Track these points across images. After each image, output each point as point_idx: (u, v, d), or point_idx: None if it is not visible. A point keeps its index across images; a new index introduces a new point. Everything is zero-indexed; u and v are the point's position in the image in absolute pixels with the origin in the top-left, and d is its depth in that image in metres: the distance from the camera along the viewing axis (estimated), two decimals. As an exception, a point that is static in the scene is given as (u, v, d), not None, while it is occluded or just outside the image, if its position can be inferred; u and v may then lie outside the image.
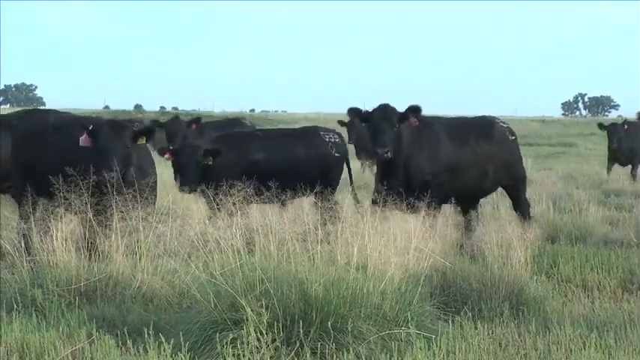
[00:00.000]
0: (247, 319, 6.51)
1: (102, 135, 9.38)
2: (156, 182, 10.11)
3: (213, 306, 6.83)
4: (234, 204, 8.47)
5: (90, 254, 8.59)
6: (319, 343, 6.53)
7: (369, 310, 6.85)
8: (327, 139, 12.22)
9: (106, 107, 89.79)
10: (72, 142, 9.43)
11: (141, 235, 8.52)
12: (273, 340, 6.52)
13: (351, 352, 6.44)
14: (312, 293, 6.78)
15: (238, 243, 7.42)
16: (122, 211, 8.73)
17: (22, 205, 9.62)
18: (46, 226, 8.91)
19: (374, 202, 10.01)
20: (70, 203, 8.82)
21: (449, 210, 11.25)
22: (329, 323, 6.57)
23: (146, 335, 6.45)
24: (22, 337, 6.87)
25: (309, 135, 12.35)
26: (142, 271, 8.33)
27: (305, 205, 8.32)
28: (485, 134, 11.59)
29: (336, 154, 12.25)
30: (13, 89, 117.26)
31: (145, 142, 9.86)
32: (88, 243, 8.72)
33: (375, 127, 10.66)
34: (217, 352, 6.41)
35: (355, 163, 19.95)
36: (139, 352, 6.47)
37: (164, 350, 6.25)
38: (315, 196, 10.44)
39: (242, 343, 6.41)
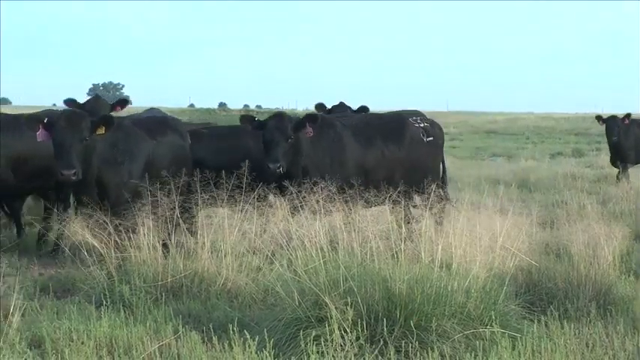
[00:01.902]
0: (331, 317, 6.53)
1: (57, 128, 9.00)
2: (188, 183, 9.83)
3: (297, 303, 6.87)
4: (317, 202, 8.50)
5: (167, 251, 8.70)
6: (403, 342, 6.52)
7: (453, 308, 6.83)
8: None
9: (191, 105, 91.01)
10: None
11: (226, 233, 8.61)
12: (357, 338, 6.53)
13: (435, 350, 6.41)
14: (396, 291, 6.78)
15: (322, 240, 7.45)
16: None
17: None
18: (134, 223, 9.03)
19: None
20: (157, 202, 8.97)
21: (535, 208, 11.10)
22: (413, 321, 6.56)
23: (231, 332, 6.50)
24: (110, 332, 6.99)
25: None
26: (226, 268, 8.43)
27: (388, 203, 8.28)
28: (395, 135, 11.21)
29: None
30: (101, 88, 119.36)
31: (103, 132, 9.18)
32: (175, 240, 8.81)
33: (268, 138, 10.23)
34: (301, 350, 6.45)
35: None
36: (224, 348, 6.52)
37: (249, 347, 6.30)
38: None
39: (326, 340, 6.44)
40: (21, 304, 7.29)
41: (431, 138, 11.57)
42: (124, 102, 13.33)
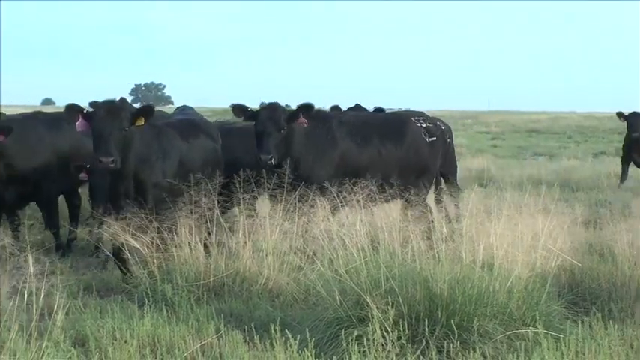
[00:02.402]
0: (372, 317, 6.54)
1: (97, 118, 9.04)
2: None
3: (338, 303, 6.89)
4: (358, 201, 8.52)
5: (207, 251, 8.75)
6: (445, 342, 6.52)
7: (494, 308, 6.81)
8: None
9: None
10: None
11: (267, 233, 8.65)
12: (399, 338, 6.54)
13: (477, 350, 6.41)
14: (437, 291, 6.78)
15: (363, 240, 7.46)
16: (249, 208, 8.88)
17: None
18: (174, 223, 9.10)
19: None
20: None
21: (578, 208, 11.02)
22: (454, 321, 6.56)
23: (272, 331, 6.51)
24: (153, 331, 7.06)
25: None
26: (268, 268, 8.48)
27: (431, 202, 8.28)
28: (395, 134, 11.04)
29: None
30: (143, 88, 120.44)
31: (143, 123, 9.22)
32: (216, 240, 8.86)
33: (260, 129, 10.14)
34: (343, 349, 6.47)
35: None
36: (265, 347, 6.55)
37: (290, 346, 6.31)
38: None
39: (368, 340, 6.44)
40: (65, 302, 7.36)
41: (434, 138, 11.54)
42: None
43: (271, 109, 10.25)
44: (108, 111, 8.99)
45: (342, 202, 8.80)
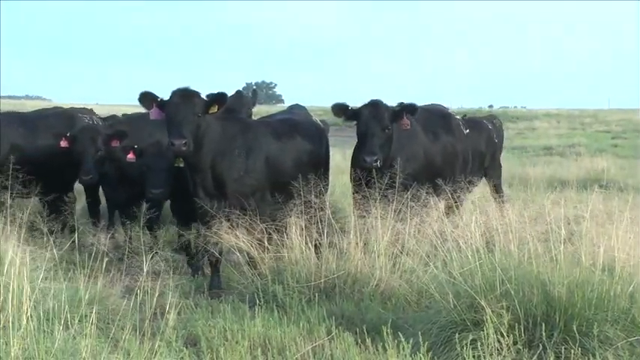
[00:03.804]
0: (487, 320, 6.48)
1: (170, 104, 9.12)
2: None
3: (452, 306, 6.86)
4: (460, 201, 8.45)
5: (318, 251, 8.79)
6: (563, 347, 6.42)
7: (615, 314, 6.67)
8: None
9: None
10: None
11: (379, 233, 8.64)
12: (515, 343, 6.46)
13: (597, 357, 6.28)
14: (555, 295, 6.68)
15: (477, 242, 7.41)
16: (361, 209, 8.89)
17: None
18: (284, 222, 9.17)
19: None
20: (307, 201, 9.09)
21: None
22: (573, 326, 6.45)
23: (385, 334, 6.52)
24: (264, 332, 7.14)
25: None
26: (380, 269, 8.46)
27: (547, 203, 8.13)
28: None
29: None
30: (254, 87, 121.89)
31: (216, 110, 9.21)
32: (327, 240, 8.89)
33: (363, 129, 9.99)
34: (457, 353, 6.44)
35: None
36: (377, 350, 6.55)
37: (403, 349, 6.31)
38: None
39: (482, 344, 6.39)
40: (177, 302, 7.50)
41: (467, 130, 11.36)
42: None
43: (374, 107, 10.06)
44: (181, 96, 9.08)
45: (456, 202, 8.73)
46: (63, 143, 10.84)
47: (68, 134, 10.92)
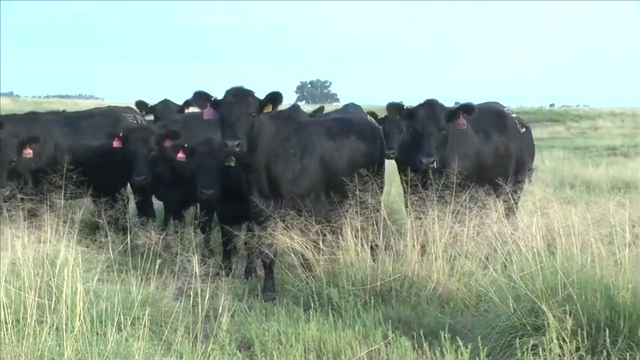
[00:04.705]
0: (549, 326, 6.44)
1: (223, 103, 9.14)
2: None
3: (512, 310, 6.82)
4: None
5: (374, 253, 8.77)
6: (628, 354, 6.34)
7: (684, 320, 6.57)
8: None
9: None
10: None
11: (436, 235, 8.60)
12: (577, 349, 6.41)
13: (664, 364, 6.21)
14: (620, 300, 6.61)
15: (538, 244, 7.34)
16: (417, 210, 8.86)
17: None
18: (339, 224, 9.15)
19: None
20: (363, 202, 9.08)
21: None
22: (639, 332, 6.37)
23: (442, 338, 6.50)
24: (319, 335, 7.12)
25: None
26: (437, 272, 8.42)
27: (610, 205, 8.02)
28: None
29: None
30: (309, 86, 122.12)
31: (271, 110, 9.24)
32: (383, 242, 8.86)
33: (419, 129, 9.87)
34: (517, 359, 6.39)
35: None
36: (435, 355, 6.53)
37: (461, 355, 6.27)
38: None
39: (543, 350, 6.36)
40: (230, 305, 7.54)
41: (524, 129, 11.22)
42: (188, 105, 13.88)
43: (430, 106, 9.97)
44: (235, 96, 9.10)
45: (516, 203, 8.66)
46: (115, 143, 10.94)
47: (120, 134, 11.04)
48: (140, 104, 13.85)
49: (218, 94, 9.20)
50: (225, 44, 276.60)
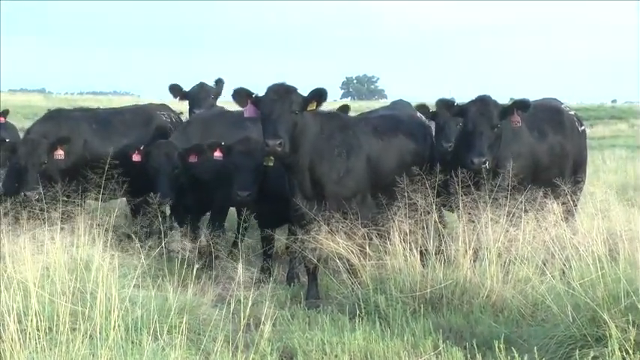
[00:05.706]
0: (611, 336, 6.33)
1: (265, 100, 8.97)
2: None
3: (571, 320, 6.73)
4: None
5: (423, 258, 8.63)
6: (694, 366, 6.19)
7: None
8: None
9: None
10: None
11: (490, 239, 8.44)
12: (642, 361, 6.26)
13: None
14: (687, 309, 6.43)
15: (599, 250, 7.21)
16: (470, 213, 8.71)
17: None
18: (387, 227, 9.03)
19: None
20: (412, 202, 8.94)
21: None
22: None
23: (496, 349, 6.43)
24: (365, 345, 7.06)
25: None
26: (491, 279, 8.28)
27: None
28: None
29: None
30: (355, 82, 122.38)
31: (315, 107, 9.07)
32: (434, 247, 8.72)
33: (471, 127, 9.58)
34: (576, 372, 6.27)
35: None
36: (488, 366, 6.45)
37: (516, 366, 6.21)
38: None
39: (605, 362, 6.24)
40: (272, 313, 7.46)
41: (583, 127, 11.01)
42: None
43: (483, 103, 9.71)
44: (277, 93, 8.96)
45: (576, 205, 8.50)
46: (135, 157, 10.74)
47: (142, 147, 10.81)
48: (174, 88, 13.67)
49: (259, 90, 9.09)
50: (264, 38, 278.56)
